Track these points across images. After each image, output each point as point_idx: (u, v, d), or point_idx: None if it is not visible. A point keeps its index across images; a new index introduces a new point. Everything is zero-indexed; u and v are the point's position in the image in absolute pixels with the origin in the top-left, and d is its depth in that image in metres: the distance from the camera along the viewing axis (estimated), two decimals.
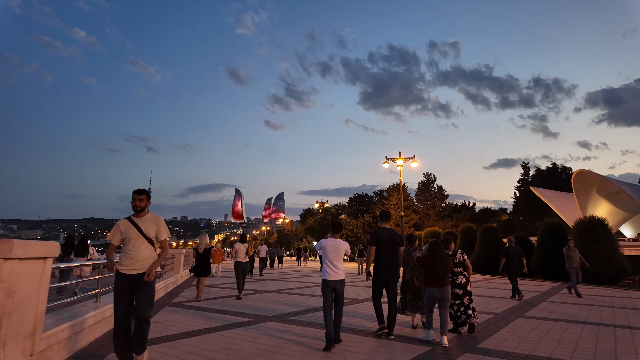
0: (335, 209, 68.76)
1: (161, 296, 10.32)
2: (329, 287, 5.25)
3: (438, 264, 5.47)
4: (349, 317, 7.17)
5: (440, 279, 5.44)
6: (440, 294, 5.43)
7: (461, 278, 6.13)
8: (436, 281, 5.44)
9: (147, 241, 4.21)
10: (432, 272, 5.49)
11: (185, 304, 8.91)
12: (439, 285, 5.43)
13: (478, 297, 10.59)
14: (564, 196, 36.19)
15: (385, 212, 6.26)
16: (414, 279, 6.37)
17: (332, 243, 5.45)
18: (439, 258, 5.51)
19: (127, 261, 4.14)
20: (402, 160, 28.43)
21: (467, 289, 6.08)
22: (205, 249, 10.20)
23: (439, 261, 5.49)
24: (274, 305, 8.69)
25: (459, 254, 6.27)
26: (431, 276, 5.50)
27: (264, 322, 6.67)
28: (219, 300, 9.53)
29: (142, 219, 4.31)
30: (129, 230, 4.21)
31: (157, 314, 7.54)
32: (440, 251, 5.60)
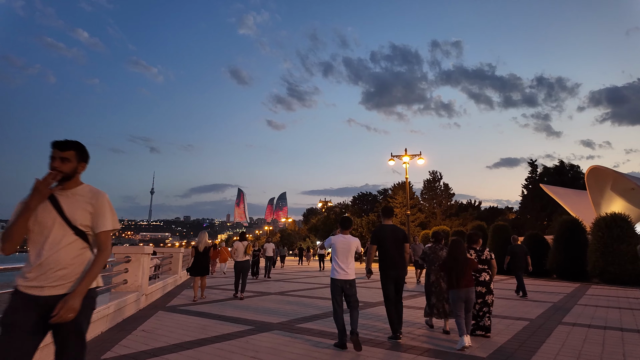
0: (339, 208, 67.89)
1: (157, 298, 9.47)
2: (338, 287, 4.96)
3: (452, 264, 5.17)
4: (363, 319, 6.30)
5: (455, 280, 5.10)
6: (464, 295, 5.07)
7: (485, 275, 5.67)
8: (452, 284, 5.13)
9: (72, 232, 2.29)
10: (447, 274, 5.23)
11: (181, 308, 8.06)
12: (455, 286, 5.10)
13: (500, 300, 9.70)
14: (575, 193, 35.11)
15: (387, 208, 5.85)
16: (440, 280, 5.93)
17: (342, 240, 5.12)
18: (452, 258, 5.22)
19: (32, 272, 2.20)
20: (408, 158, 27.62)
21: (490, 287, 5.66)
22: (206, 247, 9.73)
23: (453, 262, 5.19)
24: (278, 310, 7.82)
25: (486, 252, 5.80)
26: (448, 279, 5.23)
27: (267, 331, 5.79)
28: (218, 304, 8.67)
29: (68, 195, 2.37)
30: (42, 214, 2.28)
31: (147, 320, 6.70)
32: (454, 250, 5.27)
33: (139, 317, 6.97)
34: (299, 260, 33.60)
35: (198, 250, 9.71)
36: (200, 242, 9.79)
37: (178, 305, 8.46)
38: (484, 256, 5.77)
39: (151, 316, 7.11)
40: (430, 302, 6.02)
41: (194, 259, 9.69)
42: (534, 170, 54.92)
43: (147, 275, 8.60)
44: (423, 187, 50.42)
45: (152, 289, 9.21)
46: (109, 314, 5.99)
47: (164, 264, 13.19)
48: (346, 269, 4.99)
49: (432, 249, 6.22)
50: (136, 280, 7.90)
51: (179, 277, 13.86)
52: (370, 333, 5.72)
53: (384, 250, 5.48)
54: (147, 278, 8.62)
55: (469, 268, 5.19)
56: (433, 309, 5.92)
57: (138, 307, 7.85)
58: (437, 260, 6.01)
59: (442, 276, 5.86)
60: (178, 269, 13.75)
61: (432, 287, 6.00)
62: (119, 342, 5.02)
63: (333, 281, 5.01)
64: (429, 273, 6.17)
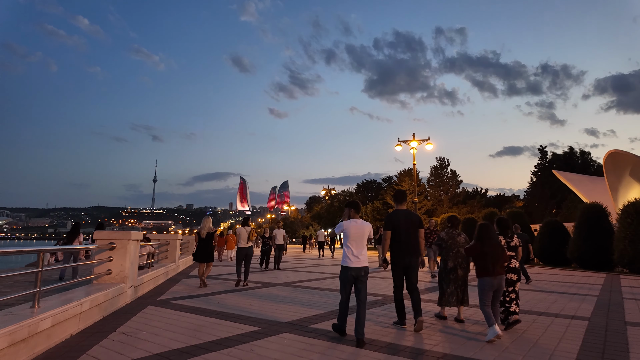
0: (343, 195, 66.77)
1: (147, 291, 8.43)
2: (350, 276, 4.59)
3: (488, 249, 4.76)
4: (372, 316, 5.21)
5: (491, 267, 4.68)
6: (497, 283, 4.72)
7: (514, 262, 5.30)
8: (487, 270, 4.70)
9: None
10: (481, 260, 4.77)
11: (174, 302, 7.01)
12: (491, 274, 4.69)
13: (533, 292, 8.62)
14: (590, 180, 33.80)
15: (401, 192, 5.52)
16: (457, 267, 5.56)
17: (354, 225, 4.75)
18: (489, 243, 4.81)
19: None
20: (416, 143, 26.41)
21: (520, 275, 5.38)
22: (208, 233, 9.36)
23: (489, 247, 4.78)
24: (287, 305, 6.75)
25: (515, 238, 5.43)
26: (481, 265, 4.77)
27: (276, 334, 4.71)
28: (218, 297, 7.62)
29: None
30: None
31: (132, 318, 5.64)
32: (490, 235, 4.87)
33: (123, 314, 5.91)
34: (303, 248, 33.66)
35: (200, 236, 9.32)
36: (202, 228, 9.38)
37: (172, 299, 7.41)
38: (513, 243, 5.38)
39: (138, 312, 6.05)
40: (445, 290, 5.59)
41: (197, 245, 9.34)
42: (543, 157, 53.50)
43: (136, 264, 7.53)
44: (430, 173, 49.15)
45: (143, 279, 8.16)
46: (81, 312, 4.92)
47: (160, 251, 12.15)
48: (359, 256, 4.63)
49: (449, 234, 5.79)
50: (122, 271, 6.83)
51: (176, 266, 12.84)
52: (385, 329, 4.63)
53: (397, 236, 5.16)
54: (137, 267, 7.56)
55: (505, 253, 4.90)
56: (449, 298, 5.53)
57: (124, 300, 6.80)
58: (454, 246, 5.64)
59: (460, 263, 5.56)
60: (176, 257, 12.73)
61: (449, 275, 5.59)
62: (87, 351, 3.94)
63: (345, 269, 4.64)
64: (445, 260, 5.71)
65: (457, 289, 5.52)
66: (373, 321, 5.47)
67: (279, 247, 14.69)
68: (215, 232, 9.59)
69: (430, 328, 5.15)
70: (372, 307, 6.54)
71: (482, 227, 4.93)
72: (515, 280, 5.28)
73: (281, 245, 14.81)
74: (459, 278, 5.54)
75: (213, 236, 9.46)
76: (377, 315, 5.92)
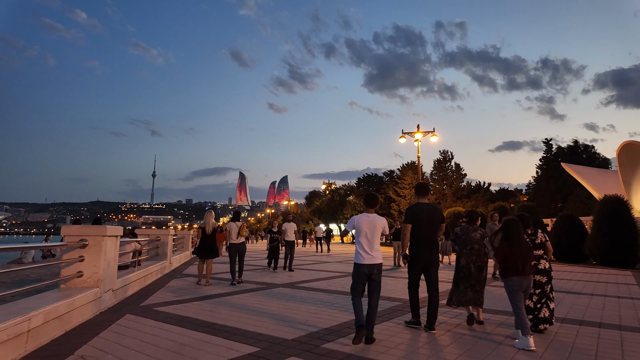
0: (343, 190, 65.63)
1: (131, 294, 7.38)
2: (363, 273, 4.35)
3: (517, 248, 4.40)
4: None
5: (521, 266, 4.33)
6: (526, 283, 4.35)
7: (544, 263, 4.85)
8: (516, 269, 4.32)
9: None
10: (510, 259, 4.38)
11: (159, 309, 5.95)
12: (520, 273, 4.31)
13: (570, 296, 7.59)
14: (600, 173, 32.80)
15: (423, 185, 5.21)
16: (470, 265, 5.16)
17: (367, 220, 4.51)
18: (518, 241, 4.45)
19: None
20: (420, 135, 25.40)
21: (550, 276, 4.85)
22: (214, 229, 9.05)
23: (519, 245, 4.42)
24: (292, 313, 5.69)
25: (540, 234, 4.99)
26: (510, 264, 4.38)
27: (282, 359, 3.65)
28: (210, 303, 6.55)
29: None
30: None
31: (102, 332, 4.58)
32: (519, 232, 4.49)
33: (93, 327, 4.86)
34: (303, 243, 33.51)
35: (205, 232, 8.93)
36: (207, 224, 8.97)
37: (157, 304, 6.35)
38: (538, 239, 4.95)
39: (111, 324, 4.99)
40: (457, 289, 5.21)
41: (200, 240, 8.92)
42: (549, 151, 52.38)
43: (115, 264, 6.46)
44: (433, 167, 47.98)
45: (126, 281, 7.10)
46: (30, 330, 3.84)
47: (150, 248, 11.10)
48: (373, 253, 4.37)
49: (463, 229, 5.39)
50: (96, 272, 5.76)
51: (169, 264, 11.79)
52: None
53: (418, 230, 4.87)
54: (116, 268, 6.49)
55: (533, 252, 4.57)
56: (460, 297, 5.12)
57: (98, 308, 5.74)
58: (468, 242, 5.25)
59: (474, 260, 5.15)
60: (168, 254, 11.67)
61: (460, 273, 5.24)
62: None
63: (357, 267, 4.38)
64: (458, 256, 5.34)
65: (469, 288, 5.12)
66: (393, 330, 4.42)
67: (289, 243, 12.26)
68: (218, 228, 9.30)
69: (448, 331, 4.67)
70: (394, 316, 5.50)
71: (509, 224, 4.50)
72: (545, 282, 4.78)
73: (292, 241, 12.33)
74: (472, 277, 5.13)
75: (217, 231, 9.16)
76: (396, 324, 4.88)
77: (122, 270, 8.04)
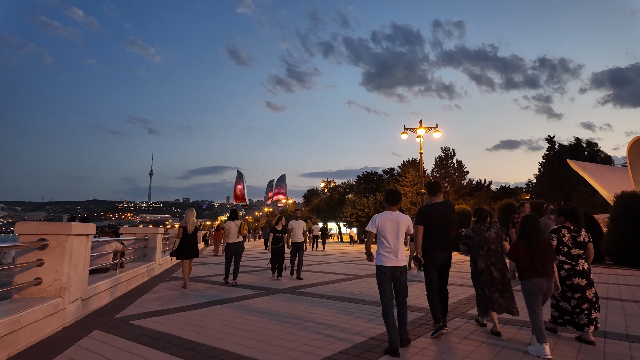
0: (343, 187, 64.61)
1: (107, 302, 6.37)
2: (386, 276, 4.01)
3: (536, 248, 3.98)
4: None
5: (540, 267, 3.89)
6: (546, 285, 3.92)
7: (582, 263, 4.36)
8: (537, 270, 3.90)
9: None
10: (528, 259, 3.97)
11: (136, 323, 4.95)
12: (541, 274, 3.88)
13: (610, 302, 6.63)
14: (608, 170, 31.92)
15: (435, 184, 4.92)
16: (490, 267, 4.71)
17: (390, 218, 4.13)
18: (536, 240, 4.02)
19: None
20: (423, 130, 24.47)
21: (590, 279, 4.35)
22: (196, 227, 8.42)
23: (538, 244, 4.00)
24: (296, 329, 4.71)
25: (583, 232, 4.47)
26: (528, 264, 3.97)
27: None
28: (198, 314, 5.55)
29: None
30: None
31: (56, 357, 3.57)
32: (537, 230, 4.06)
33: (45, 350, 3.85)
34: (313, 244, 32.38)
35: (187, 232, 8.27)
36: (189, 222, 8.32)
37: (135, 316, 5.34)
38: (580, 238, 4.42)
39: (71, 345, 3.99)
40: (484, 295, 4.68)
41: (181, 240, 8.23)
42: (551, 148, 51.58)
43: (86, 268, 5.46)
44: (434, 164, 47.10)
45: (100, 288, 6.08)
46: None
47: (137, 248, 10.08)
48: (396, 254, 4.08)
49: (476, 230, 4.92)
50: (58, 279, 4.75)
51: (157, 266, 10.78)
52: None
53: (431, 230, 4.59)
54: (86, 272, 5.49)
55: (554, 252, 4.23)
56: (488, 304, 4.63)
57: (61, 322, 4.74)
58: (484, 243, 4.80)
59: (494, 263, 4.71)
60: (156, 255, 10.66)
61: (482, 277, 4.73)
62: None
63: (380, 269, 4.09)
64: (475, 260, 4.84)
65: (496, 293, 4.62)
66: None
67: (297, 245, 9.94)
68: (200, 226, 8.60)
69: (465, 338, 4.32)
70: (421, 333, 4.52)
71: (527, 221, 4.15)
72: (585, 285, 4.29)
73: (300, 242, 9.95)
74: (496, 281, 4.64)
75: (197, 231, 8.45)
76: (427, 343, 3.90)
77: (99, 274, 7.05)
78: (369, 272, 11.05)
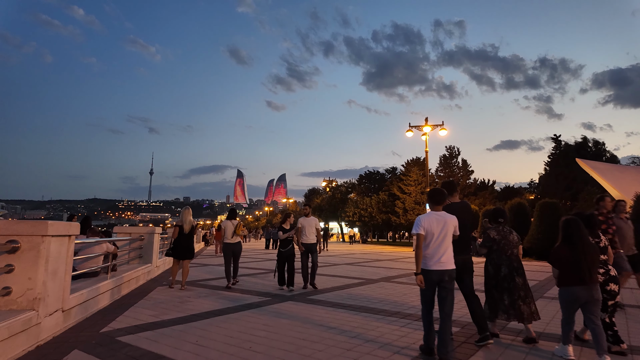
0: (345, 187, 63.81)
1: (96, 311, 5.62)
2: (432, 282, 3.71)
3: (582, 252, 3.72)
4: None
5: (587, 273, 3.66)
6: (587, 294, 3.66)
7: (612, 269, 4.14)
8: (580, 277, 3.66)
9: None
10: (571, 265, 3.73)
11: (124, 340, 4.20)
12: (586, 282, 3.64)
13: None
14: (618, 169, 31.14)
15: (450, 183, 4.59)
16: (513, 273, 4.36)
17: (436, 218, 3.83)
18: (582, 244, 3.76)
19: None
20: (429, 128, 23.76)
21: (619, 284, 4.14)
22: (192, 227, 8.11)
23: (583, 248, 3.74)
24: (313, 347, 3.96)
25: (603, 237, 4.31)
26: (570, 271, 3.73)
27: None
28: (198, 327, 4.80)
29: None
30: None
31: None
32: (582, 233, 3.81)
33: None
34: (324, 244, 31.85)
35: (183, 231, 7.99)
36: (185, 222, 8.04)
37: (123, 331, 4.59)
38: (602, 243, 4.28)
39: None
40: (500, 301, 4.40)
41: (176, 239, 7.96)
42: (557, 147, 50.67)
43: (68, 274, 4.70)
44: (439, 163, 46.39)
45: (86, 296, 5.33)
46: None
47: (132, 249, 9.33)
48: (443, 257, 3.73)
49: (500, 232, 4.61)
50: (32, 288, 4.00)
51: (154, 268, 10.03)
52: None
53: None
54: (68, 279, 4.73)
55: (599, 256, 4.00)
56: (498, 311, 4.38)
57: (35, 340, 3.99)
58: (508, 247, 4.52)
59: (516, 268, 4.43)
60: (153, 257, 9.90)
61: (504, 283, 4.41)
62: None
63: (425, 273, 3.72)
64: (497, 264, 4.51)
65: (519, 300, 4.30)
66: None
67: (309, 247, 8.15)
68: (196, 226, 8.33)
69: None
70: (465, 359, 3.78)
71: (570, 224, 3.89)
72: (617, 291, 4.14)
73: (312, 244, 8.17)
74: (518, 287, 4.35)
75: (195, 230, 8.14)
76: None
77: (87, 279, 6.31)
78: (382, 276, 10.32)
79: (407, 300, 6.68)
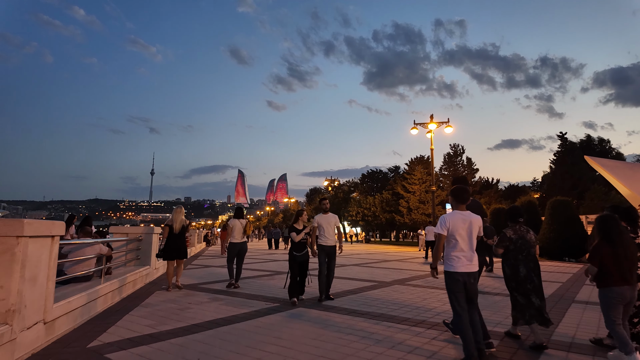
0: (347, 186, 63.16)
1: (86, 321, 5.03)
2: (458, 283, 3.54)
3: (622, 249, 3.57)
4: None
5: (628, 272, 3.53)
6: (631, 295, 3.57)
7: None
8: (623, 277, 3.51)
9: None
10: (611, 264, 3.56)
11: (114, 357, 3.61)
12: (628, 282, 3.51)
13: None
14: (629, 166, 30.29)
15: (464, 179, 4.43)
16: (531, 273, 4.17)
17: (461, 218, 3.65)
18: (622, 240, 3.62)
19: None
20: (434, 125, 23.19)
21: None
22: (183, 226, 7.78)
23: (624, 245, 3.59)
24: None
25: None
26: (611, 270, 3.56)
27: None
28: (199, 341, 4.21)
29: None
30: None
31: None
32: (621, 230, 3.67)
33: None
34: None
35: (173, 231, 7.68)
36: (175, 221, 7.74)
37: (113, 346, 4.00)
38: (638, 239, 3.98)
39: None
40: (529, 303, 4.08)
41: (167, 240, 7.65)
42: (563, 145, 50.00)
43: (51, 280, 4.11)
44: (443, 161, 45.74)
45: (73, 304, 4.73)
46: None
47: (128, 250, 8.75)
48: (470, 259, 3.58)
49: (517, 231, 4.33)
50: (4, 299, 3.42)
51: (152, 270, 9.45)
52: None
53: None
54: (51, 287, 4.14)
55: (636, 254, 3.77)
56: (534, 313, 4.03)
57: (10, 358, 3.40)
58: (525, 247, 4.25)
59: (533, 268, 4.18)
60: (152, 258, 9.33)
61: (524, 284, 4.14)
62: None
63: (452, 275, 3.57)
64: (515, 265, 4.23)
65: (542, 301, 4.13)
66: None
67: (326, 250, 6.69)
68: (189, 225, 8.07)
69: None
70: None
71: (608, 221, 3.71)
72: None
73: (331, 246, 6.74)
74: (537, 288, 4.18)
75: (187, 230, 7.93)
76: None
77: (78, 284, 5.73)
78: (394, 279, 9.73)
79: (430, 306, 6.08)
